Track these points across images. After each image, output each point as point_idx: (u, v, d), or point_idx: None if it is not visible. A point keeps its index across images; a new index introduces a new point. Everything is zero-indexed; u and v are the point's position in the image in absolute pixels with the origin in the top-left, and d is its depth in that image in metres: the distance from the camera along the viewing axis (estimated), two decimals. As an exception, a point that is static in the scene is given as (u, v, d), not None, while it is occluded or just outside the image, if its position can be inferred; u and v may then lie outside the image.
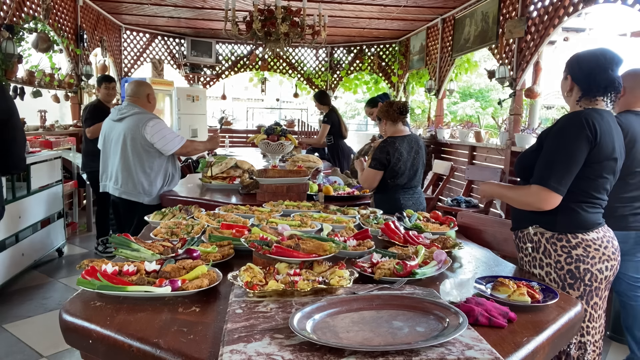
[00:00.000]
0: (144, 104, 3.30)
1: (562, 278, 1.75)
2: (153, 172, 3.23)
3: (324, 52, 9.74)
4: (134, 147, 3.18)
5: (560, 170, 1.68)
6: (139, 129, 3.14)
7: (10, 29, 4.31)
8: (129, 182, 3.22)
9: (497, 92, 15.75)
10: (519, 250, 1.93)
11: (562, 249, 1.76)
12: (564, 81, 1.87)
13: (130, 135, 3.17)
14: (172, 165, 3.37)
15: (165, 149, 3.19)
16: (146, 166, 3.20)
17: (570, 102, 1.86)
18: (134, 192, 3.24)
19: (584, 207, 1.77)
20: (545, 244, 1.79)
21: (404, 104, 3.08)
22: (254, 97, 19.22)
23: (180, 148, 3.24)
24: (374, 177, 2.98)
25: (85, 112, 4.59)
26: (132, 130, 3.16)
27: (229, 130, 9.70)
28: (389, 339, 1.13)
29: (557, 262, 1.76)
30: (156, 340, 1.16)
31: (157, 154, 3.21)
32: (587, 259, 1.75)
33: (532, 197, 1.74)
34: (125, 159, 3.21)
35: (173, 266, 1.51)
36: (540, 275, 1.79)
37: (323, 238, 1.81)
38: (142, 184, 3.21)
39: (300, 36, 4.73)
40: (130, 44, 8.55)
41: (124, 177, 3.24)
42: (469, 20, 6.23)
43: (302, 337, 1.10)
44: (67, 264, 4.45)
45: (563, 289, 1.75)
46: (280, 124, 4.08)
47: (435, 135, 7.16)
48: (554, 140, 1.73)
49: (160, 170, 3.25)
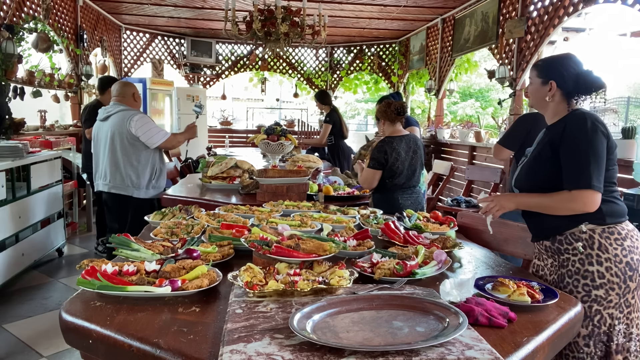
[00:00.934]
0: (130, 103, 3.43)
1: (622, 271, 1.74)
2: (140, 165, 3.35)
3: (324, 52, 9.74)
4: (121, 141, 3.30)
5: (596, 169, 1.70)
6: (124, 124, 3.28)
7: (10, 29, 4.31)
8: (117, 175, 3.35)
9: (497, 92, 15.74)
10: (560, 253, 1.85)
11: (615, 241, 1.76)
12: (542, 87, 1.85)
13: (117, 131, 3.30)
14: (160, 160, 3.52)
15: (150, 141, 3.32)
16: (133, 159, 3.33)
17: (550, 107, 1.86)
18: (122, 185, 3.36)
19: (614, 198, 1.81)
20: (599, 239, 1.77)
21: (401, 104, 3.09)
22: (254, 97, 19.20)
23: (164, 142, 3.39)
24: (372, 176, 2.99)
25: (85, 112, 4.58)
26: (119, 126, 3.29)
27: (229, 130, 9.70)
28: (389, 339, 1.13)
29: (615, 256, 1.75)
30: (156, 340, 1.16)
31: (143, 147, 3.34)
32: (636, 249, 1.76)
33: (577, 203, 1.72)
34: (113, 154, 3.34)
35: (173, 266, 1.51)
36: (600, 272, 1.76)
37: (323, 238, 1.81)
38: (130, 176, 3.34)
39: (300, 36, 4.73)
40: (130, 44, 8.55)
41: (112, 172, 3.36)
42: (469, 20, 6.23)
43: (303, 337, 1.10)
44: (67, 264, 4.45)
45: (624, 282, 1.74)
46: (280, 124, 4.08)
47: (435, 135, 7.16)
48: (576, 142, 1.72)
49: (147, 163, 3.38)
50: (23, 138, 4.68)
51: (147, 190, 3.43)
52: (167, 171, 3.86)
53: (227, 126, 9.93)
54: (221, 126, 9.94)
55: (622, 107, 15.70)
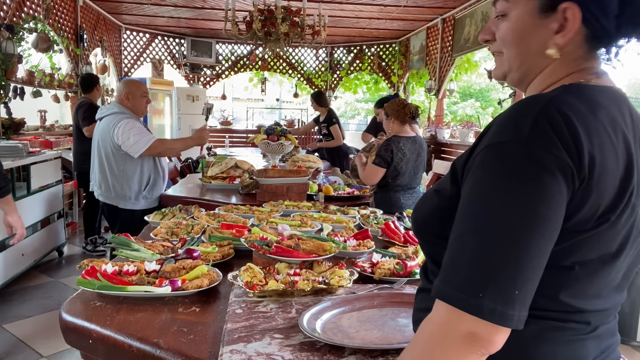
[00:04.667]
0: (123, 103, 3.16)
1: None
2: (125, 175, 3.07)
3: (324, 52, 9.74)
4: (105, 148, 3.08)
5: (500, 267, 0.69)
6: (109, 130, 3.03)
7: (10, 29, 4.31)
8: (103, 184, 3.13)
9: (497, 92, 15.75)
10: None
11: None
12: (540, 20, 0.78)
13: (102, 136, 3.08)
14: (154, 169, 3.17)
15: (132, 150, 3.00)
16: (115, 168, 3.07)
17: (549, 70, 0.90)
18: (108, 194, 3.13)
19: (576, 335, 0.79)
20: None
21: (416, 108, 3.08)
22: (254, 97, 19.20)
23: (147, 149, 3.01)
24: (375, 173, 3.00)
25: (81, 110, 4.53)
26: (104, 132, 3.07)
27: (229, 130, 9.70)
28: (398, 336, 1.13)
29: None
30: (156, 340, 1.16)
31: (127, 156, 3.05)
32: None
33: (443, 338, 0.70)
34: (100, 161, 3.13)
35: (173, 266, 1.51)
36: None
37: (323, 238, 1.81)
38: (114, 186, 3.09)
39: (300, 36, 4.73)
40: (130, 44, 8.55)
41: (99, 179, 3.15)
42: (469, 20, 6.23)
43: (323, 340, 1.09)
44: (67, 264, 4.45)
45: None
46: (280, 124, 4.08)
47: (435, 135, 7.16)
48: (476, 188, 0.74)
49: (134, 173, 3.08)
50: (23, 138, 4.68)
51: (137, 202, 3.13)
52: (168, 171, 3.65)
53: (227, 126, 9.93)
54: (221, 126, 9.94)
55: (622, 107, 15.70)
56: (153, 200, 3.21)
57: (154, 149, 3.06)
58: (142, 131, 3.07)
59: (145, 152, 3.03)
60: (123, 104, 3.16)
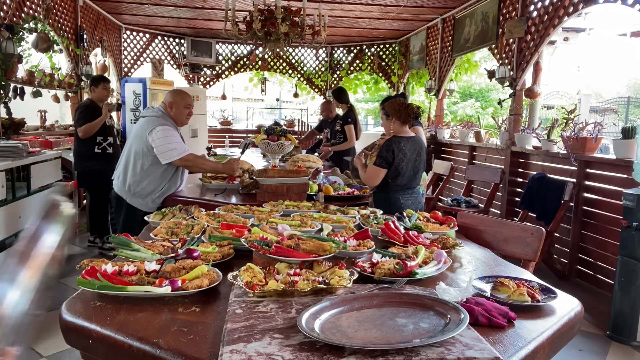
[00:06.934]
0: (167, 110, 3.27)
1: None
2: (143, 173, 3.14)
3: (324, 52, 9.74)
4: (137, 144, 3.18)
5: None
6: (145, 130, 3.13)
7: (10, 29, 4.31)
8: (122, 175, 3.25)
9: (497, 92, 15.74)
10: None
11: None
12: None
13: (138, 133, 3.19)
14: (172, 179, 3.21)
15: (163, 156, 3.08)
16: (139, 166, 3.15)
17: None
18: (122, 186, 3.23)
19: None
20: None
21: (418, 108, 3.07)
22: (254, 97, 19.21)
23: (178, 159, 3.10)
24: (377, 174, 2.99)
25: (78, 112, 4.59)
26: (141, 129, 3.18)
27: (229, 130, 9.70)
28: (397, 336, 1.13)
29: None
30: (156, 340, 1.17)
31: (155, 159, 3.12)
32: None
33: None
34: (127, 155, 3.25)
35: (173, 266, 1.51)
36: None
37: (323, 238, 1.81)
38: (128, 180, 3.20)
39: (300, 36, 4.73)
40: (130, 44, 8.55)
41: (119, 171, 3.28)
42: (469, 20, 6.23)
43: (323, 340, 1.09)
44: (67, 264, 4.45)
45: None
46: (280, 124, 4.07)
47: (435, 135, 7.16)
48: None
49: (154, 176, 3.14)
50: (23, 138, 4.68)
51: (144, 202, 3.17)
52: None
53: (227, 126, 9.93)
54: (221, 126, 9.94)
55: (622, 107, 15.72)
56: (157, 205, 3.25)
57: (186, 160, 3.14)
58: (179, 141, 3.19)
59: (176, 161, 3.11)
60: (167, 111, 3.27)
